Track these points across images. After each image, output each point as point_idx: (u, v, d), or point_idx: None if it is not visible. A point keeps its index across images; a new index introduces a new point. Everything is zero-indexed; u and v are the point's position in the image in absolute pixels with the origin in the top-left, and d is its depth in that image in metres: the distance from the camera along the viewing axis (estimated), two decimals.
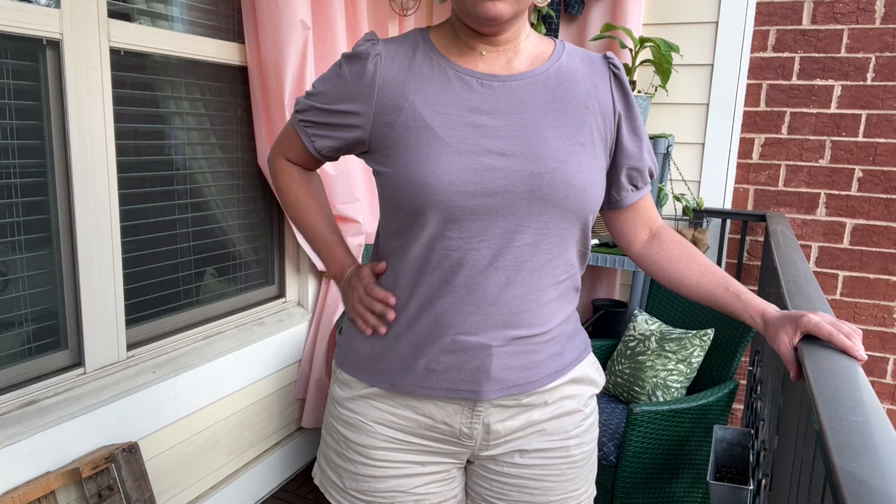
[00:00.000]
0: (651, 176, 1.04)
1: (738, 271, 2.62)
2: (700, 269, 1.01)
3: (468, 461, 1.04)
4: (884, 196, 2.42)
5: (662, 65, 2.31)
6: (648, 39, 2.31)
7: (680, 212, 2.64)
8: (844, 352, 0.83)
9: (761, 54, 2.49)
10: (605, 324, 2.60)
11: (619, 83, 0.99)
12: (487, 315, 0.91)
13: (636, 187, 1.03)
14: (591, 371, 1.05)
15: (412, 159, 0.89)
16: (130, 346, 1.79)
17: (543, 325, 0.95)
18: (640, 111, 2.38)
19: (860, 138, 2.41)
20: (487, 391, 0.94)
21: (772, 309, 0.92)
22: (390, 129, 0.91)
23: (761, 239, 2.60)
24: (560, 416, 1.00)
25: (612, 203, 1.04)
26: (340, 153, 1.01)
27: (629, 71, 2.40)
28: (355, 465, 1.00)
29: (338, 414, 1.02)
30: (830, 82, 2.42)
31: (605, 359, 2.38)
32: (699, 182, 2.61)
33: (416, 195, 0.88)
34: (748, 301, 0.94)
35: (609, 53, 1.01)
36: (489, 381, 0.93)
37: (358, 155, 0.99)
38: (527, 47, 0.96)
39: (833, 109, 2.43)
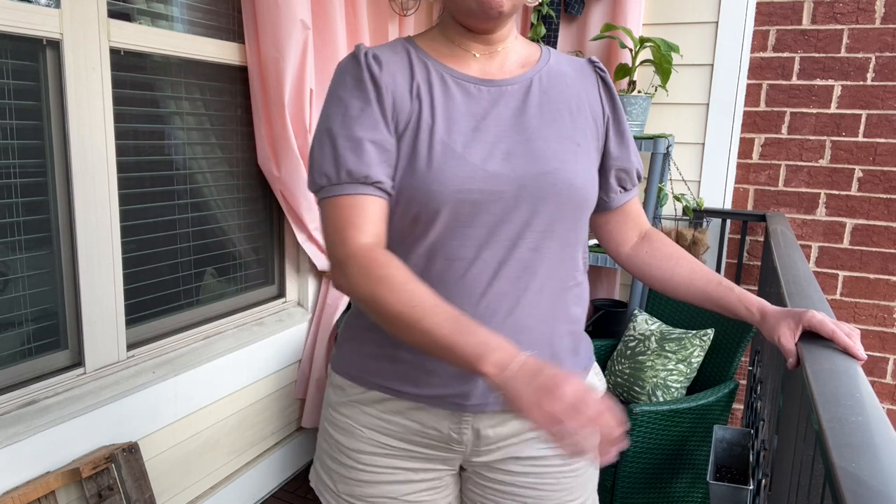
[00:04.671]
0: (639, 178, 1.04)
1: (738, 271, 2.62)
2: (692, 266, 1.01)
3: (462, 468, 1.03)
4: (884, 196, 2.42)
5: (662, 65, 2.31)
6: (648, 39, 2.31)
7: (680, 212, 2.64)
8: (845, 350, 0.83)
9: (761, 54, 2.49)
10: (605, 324, 2.60)
11: (606, 86, 1.00)
12: (492, 327, 0.88)
13: (625, 189, 1.03)
14: (592, 379, 1.03)
15: (418, 166, 0.87)
16: (130, 346, 1.79)
17: (547, 336, 0.93)
18: (627, 112, 2.38)
19: (860, 138, 2.41)
20: (482, 403, 0.91)
21: (769, 304, 0.92)
22: (399, 135, 0.89)
23: (761, 239, 2.60)
24: None
25: (600, 205, 1.04)
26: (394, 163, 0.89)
27: (629, 71, 2.40)
28: (347, 469, 0.99)
29: (331, 417, 1.01)
30: (830, 82, 2.42)
31: (605, 359, 2.38)
32: (699, 182, 2.61)
33: (422, 203, 0.86)
34: (742, 294, 0.94)
35: (593, 58, 1.03)
36: (479, 393, 0.91)
37: None
38: (516, 49, 0.97)
39: (833, 109, 2.43)
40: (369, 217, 0.86)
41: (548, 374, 0.68)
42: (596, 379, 1.04)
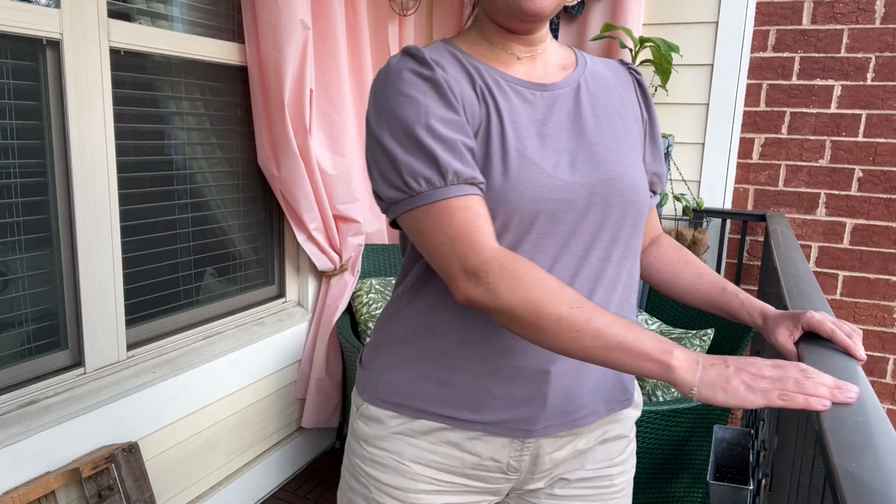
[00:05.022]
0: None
1: (738, 271, 2.62)
2: (697, 271, 1.00)
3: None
4: (884, 196, 2.42)
5: (662, 65, 2.31)
6: (648, 39, 2.30)
7: (680, 212, 2.64)
8: (845, 350, 0.83)
9: (761, 54, 2.49)
10: None
11: (642, 89, 0.99)
12: None
13: (654, 192, 1.02)
14: (637, 393, 1.01)
15: (493, 174, 0.81)
16: (130, 346, 1.79)
17: None
18: None
19: (860, 138, 2.41)
20: (548, 427, 0.88)
21: (771, 308, 0.92)
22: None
23: (761, 239, 2.60)
24: (605, 442, 0.96)
25: None
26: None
27: None
28: None
29: (366, 454, 0.91)
30: (830, 82, 2.42)
31: None
32: (699, 182, 2.61)
33: (493, 212, 0.80)
34: (746, 299, 0.93)
35: (624, 59, 1.01)
36: (546, 415, 0.87)
37: None
38: (553, 51, 0.94)
39: (833, 109, 2.43)
40: (487, 219, 0.78)
41: (732, 359, 0.70)
42: (638, 392, 1.02)
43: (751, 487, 1.47)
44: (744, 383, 0.68)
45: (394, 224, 0.85)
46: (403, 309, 0.91)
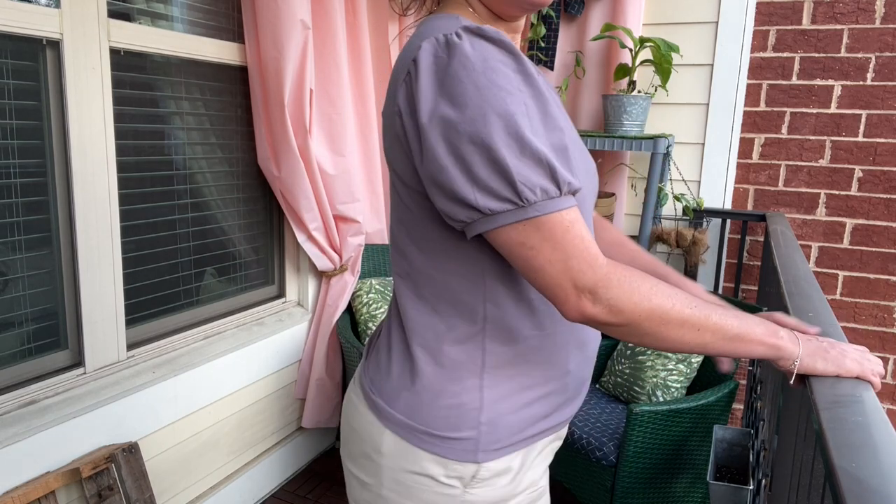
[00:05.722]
0: None
1: (738, 271, 2.62)
2: (633, 255, 0.99)
3: None
4: (884, 196, 2.42)
5: (662, 65, 2.31)
6: (648, 39, 2.30)
7: (680, 212, 2.64)
8: None
9: (761, 54, 2.49)
10: None
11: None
12: (589, 336, 0.92)
13: None
14: None
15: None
16: (130, 346, 1.79)
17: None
18: (627, 112, 2.38)
19: (860, 138, 2.41)
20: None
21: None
22: None
23: (761, 239, 2.60)
24: None
25: None
26: None
27: (629, 71, 2.40)
28: None
29: None
30: (830, 82, 2.42)
31: (605, 359, 2.38)
32: (699, 182, 2.61)
33: None
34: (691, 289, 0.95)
35: None
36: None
37: None
38: None
39: (833, 109, 2.43)
40: (586, 232, 0.71)
41: (821, 338, 0.80)
42: None
43: (751, 487, 1.47)
44: (841, 354, 0.76)
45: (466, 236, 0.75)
46: (489, 346, 0.80)
